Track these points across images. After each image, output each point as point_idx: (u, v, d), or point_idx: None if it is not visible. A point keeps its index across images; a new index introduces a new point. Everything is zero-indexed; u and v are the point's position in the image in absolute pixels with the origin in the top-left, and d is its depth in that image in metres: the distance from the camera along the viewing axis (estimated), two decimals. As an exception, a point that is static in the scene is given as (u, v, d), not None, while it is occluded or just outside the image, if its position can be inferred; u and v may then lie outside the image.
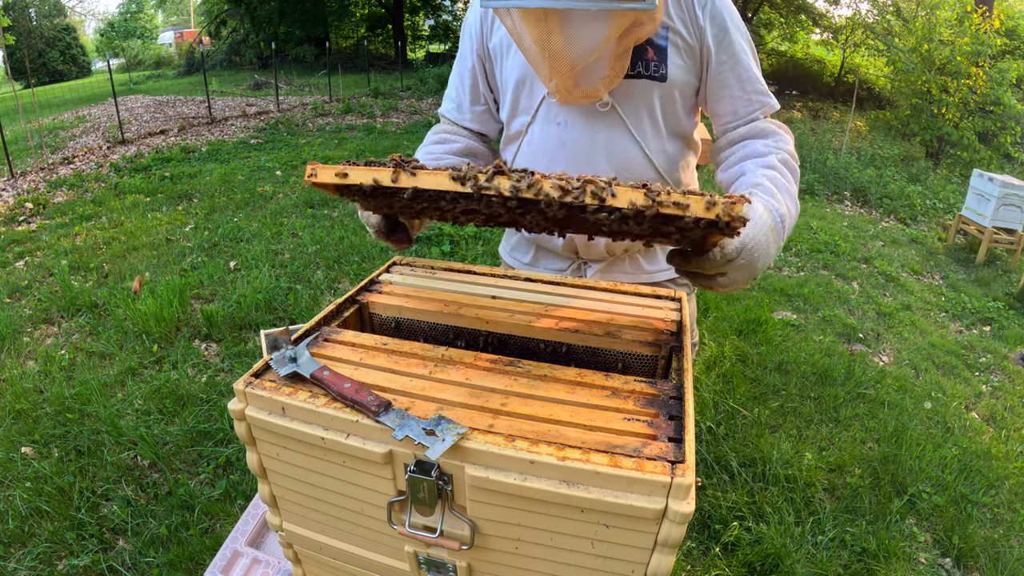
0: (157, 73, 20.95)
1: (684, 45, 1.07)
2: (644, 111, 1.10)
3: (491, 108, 1.29)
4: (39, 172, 6.53)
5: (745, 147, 1.10)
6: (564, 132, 1.13)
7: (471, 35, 1.23)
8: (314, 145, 7.90)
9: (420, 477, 0.63)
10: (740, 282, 0.85)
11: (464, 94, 1.27)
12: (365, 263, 4.20)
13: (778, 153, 1.04)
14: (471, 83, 1.26)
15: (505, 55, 1.18)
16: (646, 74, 1.06)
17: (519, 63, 1.15)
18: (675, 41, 1.06)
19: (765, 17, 15.17)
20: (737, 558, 2.04)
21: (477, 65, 1.24)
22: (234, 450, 2.39)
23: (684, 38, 1.07)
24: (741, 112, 1.11)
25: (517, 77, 1.16)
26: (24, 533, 2.00)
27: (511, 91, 1.19)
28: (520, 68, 1.15)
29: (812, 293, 4.33)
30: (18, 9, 19.53)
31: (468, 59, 1.25)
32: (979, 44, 8.37)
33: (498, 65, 1.21)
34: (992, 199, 5.47)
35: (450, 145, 1.25)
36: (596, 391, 0.71)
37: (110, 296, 3.56)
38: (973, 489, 2.46)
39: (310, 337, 0.81)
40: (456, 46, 13.12)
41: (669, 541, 0.59)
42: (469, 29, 1.24)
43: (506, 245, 1.45)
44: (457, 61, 1.29)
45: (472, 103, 1.27)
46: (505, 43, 1.18)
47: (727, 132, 1.15)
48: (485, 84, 1.26)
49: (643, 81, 1.07)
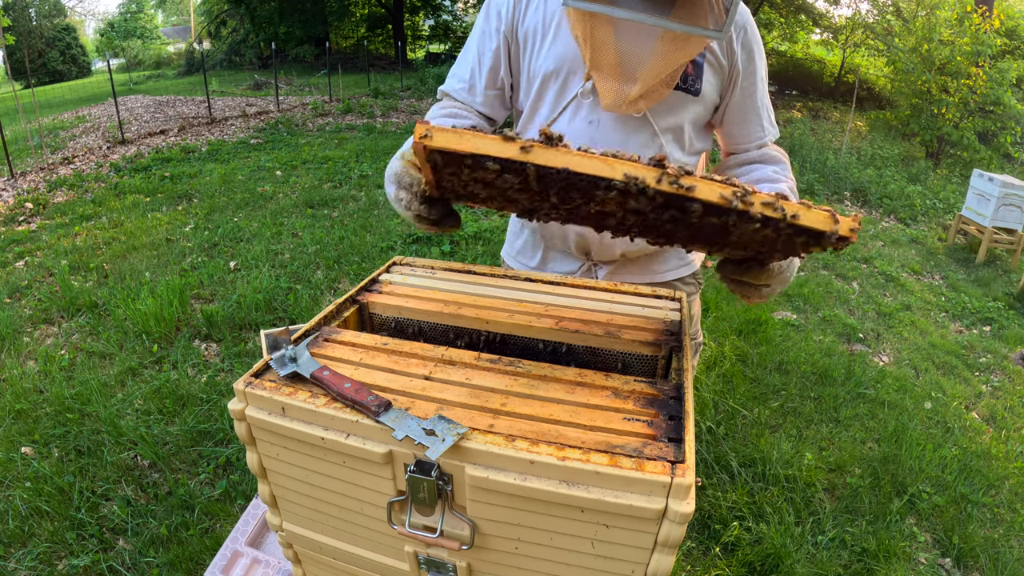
0: (157, 73, 20.95)
1: (717, 64, 1.12)
2: (674, 121, 1.13)
3: (505, 93, 1.23)
4: (39, 172, 6.53)
5: (755, 171, 1.16)
6: (595, 132, 1.12)
7: (500, 15, 1.17)
8: (314, 145, 7.90)
9: (420, 477, 0.63)
10: (778, 292, 0.92)
11: (480, 76, 1.20)
12: (365, 263, 4.20)
13: (787, 181, 1.13)
14: (491, 65, 1.19)
15: (538, 44, 1.14)
16: (683, 87, 1.10)
17: (555, 55, 1.11)
18: (710, 60, 1.11)
19: (765, 17, 15.16)
20: (737, 558, 2.04)
21: (503, 48, 1.18)
22: (234, 450, 2.39)
23: (718, 58, 1.11)
24: (754, 136, 1.19)
25: (550, 69, 1.12)
26: (24, 533, 2.00)
27: (539, 81, 1.15)
28: (555, 60, 1.11)
29: (812, 293, 4.33)
30: (18, 9, 19.53)
31: (494, 39, 1.18)
32: (979, 44, 8.37)
33: (526, 52, 1.16)
34: (992, 199, 5.47)
35: (461, 121, 1.17)
36: (596, 391, 0.71)
37: (110, 296, 3.56)
38: (973, 489, 2.46)
39: (310, 337, 0.81)
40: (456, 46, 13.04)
41: (669, 541, 0.59)
42: (498, 8, 1.17)
43: (510, 249, 1.41)
44: (478, 40, 1.21)
45: (488, 86, 1.21)
46: (540, 31, 1.13)
47: (737, 154, 1.21)
48: (507, 69, 1.20)
49: (679, 93, 1.10)
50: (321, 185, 6.10)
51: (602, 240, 1.19)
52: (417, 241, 4.65)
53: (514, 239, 1.40)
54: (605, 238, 1.19)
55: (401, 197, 0.89)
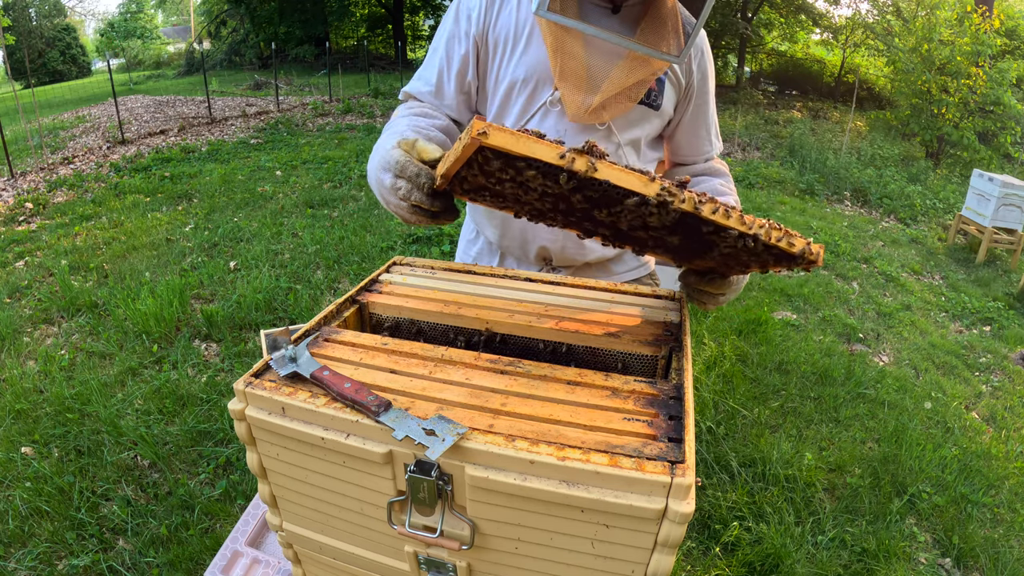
0: (157, 73, 20.95)
1: (676, 82, 1.18)
2: (634, 134, 1.18)
3: (472, 97, 1.21)
4: (39, 172, 6.53)
5: (704, 182, 1.24)
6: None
7: (471, 18, 1.15)
8: (314, 145, 7.90)
9: (420, 477, 0.63)
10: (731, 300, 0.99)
11: (448, 79, 1.18)
12: (365, 263, 4.20)
13: (732, 195, 1.22)
14: (459, 68, 1.17)
15: (509, 50, 1.13)
16: (646, 102, 1.15)
17: (527, 63, 1.11)
18: (671, 77, 1.17)
19: (765, 17, 15.17)
20: (737, 558, 2.04)
21: (471, 51, 1.16)
22: (234, 450, 2.39)
23: (678, 76, 1.18)
24: (702, 150, 1.28)
25: (521, 77, 1.12)
26: (24, 533, 2.00)
27: (504, 88, 1.14)
28: (527, 68, 1.11)
29: (812, 293, 4.33)
30: (18, 9, 19.53)
31: (463, 43, 1.16)
32: (979, 44, 8.37)
33: (496, 57, 1.15)
34: (992, 199, 5.47)
35: (435, 120, 1.15)
36: (596, 391, 0.71)
37: (110, 296, 3.56)
38: (973, 489, 2.46)
39: (310, 337, 0.81)
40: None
41: (669, 541, 0.59)
42: (467, 12, 1.15)
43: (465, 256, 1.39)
44: (444, 42, 1.18)
45: (458, 91, 1.19)
46: (511, 37, 1.13)
47: (685, 165, 1.30)
48: (474, 72, 1.18)
49: (642, 108, 1.15)
50: (321, 185, 6.10)
51: (564, 250, 1.22)
52: (417, 241, 4.66)
53: (471, 244, 1.39)
54: (567, 249, 1.21)
55: (399, 186, 0.87)
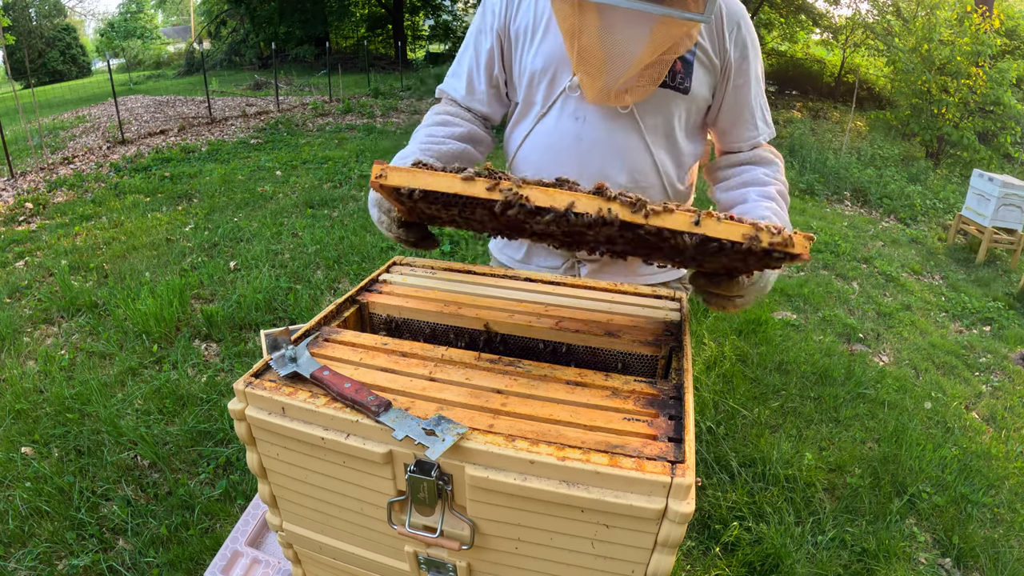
0: (157, 73, 20.94)
1: (708, 62, 1.11)
2: (661, 119, 1.13)
3: (502, 89, 1.25)
4: (39, 172, 6.53)
5: (746, 172, 1.16)
6: (582, 128, 1.13)
7: (494, 12, 1.19)
8: (314, 145, 7.90)
9: (420, 477, 0.63)
10: (751, 302, 0.94)
11: (479, 75, 1.22)
12: (365, 263, 4.20)
13: (776, 184, 1.13)
14: (487, 62, 1.21)
15: (529, 41, 1.16)
16: (671, 85, 1.09)
17: (545, 52, 1.13)
18: (700, 57, 1.10)
19: (765, 17, 15.16)
20: (737, 558, 2.04)
21: (496, 45, 1.19)
22: (234, 450, 2.39)
23: (709, 56, 1.10)
24: (746, 136, 1.18)
25: (540, 66, 1.14)
26: (24, 533, 2.00)
27: (527, 79, 1.17)
28: (545, 57, 1.13)
29: (812, 293, 4.33)
30: (18, 9, 19.52)
31: (488, 38, 1.20)
32: (979, 44, 8.37)
33: (518, 49, 1.18)
34: (992, 199, 5.47)
35: (453, 128, 1.19)
36: (596, 391, 0.71)
37: (110, 296, 3.56)
38: (973, 489, 2.46)
39: (310, 337, 0.81)
40: (456, 45, 13.03)
41: (669, 541, 0.59)
42: (492, 7, 1.19)
43: (497, 241, 1.41)
44: (473, 38, 1.22)
45: (487, 84, 1.22)
46: (531, 29, 1.15)
47: (731, 153, 1.21)
48: (500, 66, 1.22)
49: (667, 91, 1.10)
50: (321, 185, 6.10)
51: None
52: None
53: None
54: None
55: (382, 220, 0.98)
